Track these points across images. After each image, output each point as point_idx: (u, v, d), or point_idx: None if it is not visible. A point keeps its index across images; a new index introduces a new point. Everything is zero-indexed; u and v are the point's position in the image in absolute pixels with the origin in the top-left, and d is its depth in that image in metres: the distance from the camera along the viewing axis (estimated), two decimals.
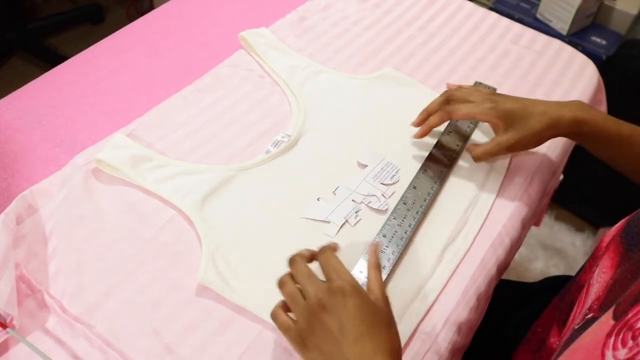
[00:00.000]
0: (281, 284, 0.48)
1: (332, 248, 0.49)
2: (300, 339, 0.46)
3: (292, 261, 0.49)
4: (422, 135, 0.67)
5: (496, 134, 0.65)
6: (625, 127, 0.60)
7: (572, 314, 0.53)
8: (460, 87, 0.68)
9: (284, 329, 0.47)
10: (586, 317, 0.44)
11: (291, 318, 0.47)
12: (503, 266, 0.63)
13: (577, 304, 0.52)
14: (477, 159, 0.65)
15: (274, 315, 0.48)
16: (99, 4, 1.95)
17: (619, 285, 0.43)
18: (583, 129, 0.61)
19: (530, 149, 0.65)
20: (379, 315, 0.45)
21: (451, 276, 0.58)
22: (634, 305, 0.37)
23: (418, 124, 0.68)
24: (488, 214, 0.64)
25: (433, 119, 0.65)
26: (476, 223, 0.63)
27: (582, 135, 0.62)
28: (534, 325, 0.62)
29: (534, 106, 0.62)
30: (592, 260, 0.55)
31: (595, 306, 0.44)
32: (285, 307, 0.48)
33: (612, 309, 0.39)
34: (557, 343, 0.55)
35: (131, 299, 0.53)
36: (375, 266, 0.50)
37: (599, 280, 0.48)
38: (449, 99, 0.65)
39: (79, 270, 0.55)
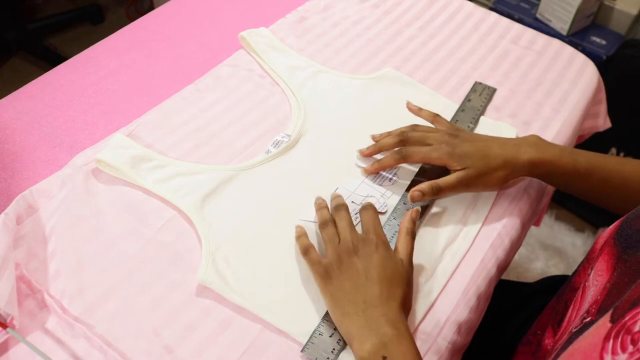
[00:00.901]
0: (323, 224, 0.56)
1: (374, 208, 0.57)
2: (326, 272, 0.52)
3: (337, 208, 0.57)
4: (372, 172, 0.65)
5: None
6: (581, 159, 0.60)
7: (567, 316, 0.52)
8: (416, 127, 0.65)
9: (312, 262, 0.53)
10: (584, 321, 0.44)
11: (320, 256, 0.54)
12: (503, 266, 0.63)
13: (572, 306, 0.52)
14: (437, 191, 0.61)
15: (305, 250, 0.54)
16: (99, 4, 1.95)
17: (616, 289, 0.43)
18: (539, 170, 0.61)
19: (490, 190, 0.64)
20: (399, 271, 0.51)
21: (451, 276, 0.58)
22: (632, 308, 0.37)
23: (368, 154, 0.66)
24: (488, 214, 0.64)
25: (387, 160, 0.63)
26: (476, 223, 0.63)
27: (539, 175, 0.62)
28: (533, 326, 0.62)
29: (490, 148, 0.61)
30: (587, 262, 0.54)
31: (593, 310, 0.44)
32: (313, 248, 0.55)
33: (610, 312, 0.39)
34: (551, 345, 0.55)
35: (131, 299, 0.53)
36: (408, 232, 0.54)
37: (595, 283, 0.48)
38: (405, 141, 0.63)
39: (79, 270, 0.55)
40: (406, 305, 0.51)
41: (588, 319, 0.43)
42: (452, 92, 0.78)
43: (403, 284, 0.51)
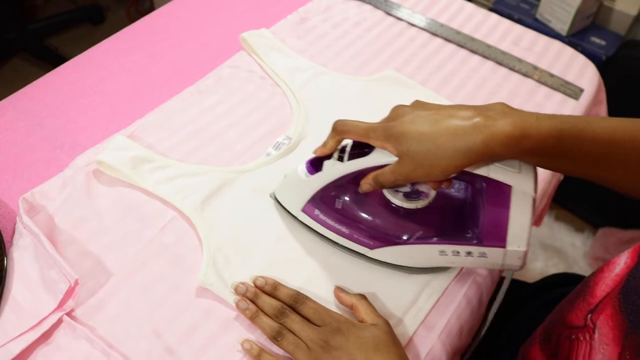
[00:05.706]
0: (278, 336, 0.50)
1: (307, 297, 0.53)
2: None
3: (281, 313, 0.52)
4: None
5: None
6: (565, 126, 0.46)
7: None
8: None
9: None
10: None
11: None
12: None
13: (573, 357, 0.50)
14: (378, 184, 0.53)
15: None
16: (100, 5, 1.95)
17: None
18: (524, 146, 0.46)
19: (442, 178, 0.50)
20: (380, 336, 0.49)
21: (451, 276, 0.58)
22: None
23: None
24: None
25: (328, 142, 0.57)
26: None
27: (515, 155, 0.47)
28: (541, 324, 0.61)
29: (440, 138, 0.47)
30: (584, 304, 0.50)
31: None
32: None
33: None
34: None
35: (132, 300, 0.53)
36: (358, 298, 0.53)
37: (602, 351, 0.45)
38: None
39: (80, 271, 0.55)
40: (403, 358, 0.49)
41: None
42: (453, 93, 0.78)
43: (390, 344, 0.49)
